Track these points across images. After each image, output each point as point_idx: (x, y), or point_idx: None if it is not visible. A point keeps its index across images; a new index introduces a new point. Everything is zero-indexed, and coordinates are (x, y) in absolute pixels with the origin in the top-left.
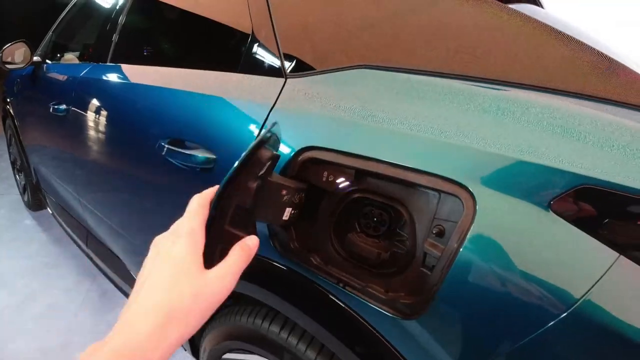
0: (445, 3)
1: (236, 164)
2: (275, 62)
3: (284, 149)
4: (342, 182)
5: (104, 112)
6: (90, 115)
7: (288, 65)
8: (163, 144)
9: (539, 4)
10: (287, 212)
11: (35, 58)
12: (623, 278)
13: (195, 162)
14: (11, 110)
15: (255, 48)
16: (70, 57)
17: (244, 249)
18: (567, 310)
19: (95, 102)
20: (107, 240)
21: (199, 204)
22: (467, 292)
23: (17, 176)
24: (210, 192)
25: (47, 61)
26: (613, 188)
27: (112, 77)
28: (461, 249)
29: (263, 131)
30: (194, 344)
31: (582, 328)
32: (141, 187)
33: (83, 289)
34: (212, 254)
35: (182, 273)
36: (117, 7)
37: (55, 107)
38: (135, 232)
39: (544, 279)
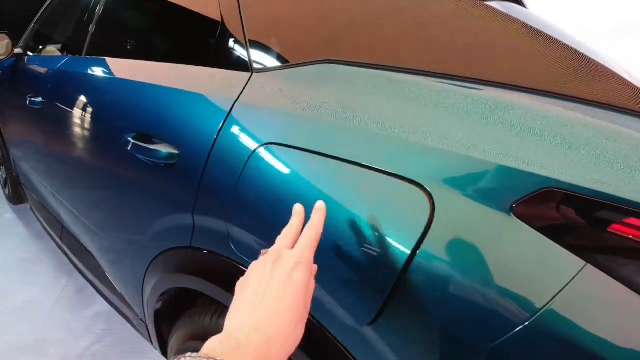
0: None
1: None
2: (242, 56)
3: (248, 144)
4: None
5: (75, 106)
6: (63, 109)
7: (255, 60)
8: (129, 138)
9: (521, 4)
10: None
11: (17, 50)
12: (590, 288)
13: (158, 157)
14: None
15: (223, 42)
16: (52, 49)
17: (313, 279)
18: (529, 319)
19: (68, 96)
20: (80, 236)
21: (317, 236)
22: (422, 298)
23: None
24: (321, 220)
25: (29, 53)
26: (580, 192)
27: (85, 70)
28: (417, 252)
29: None
30: (163, 342)
31: (544, 338)
32: (110, 182)
33: (60, 285)
34: None
35: (297, 303)
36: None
37: (32, 99)
38: (105, 229)
39: (504, 286)
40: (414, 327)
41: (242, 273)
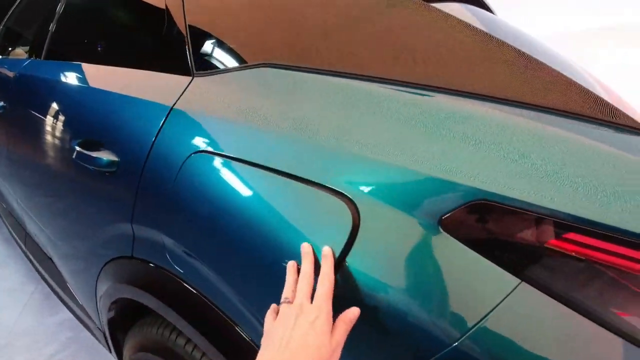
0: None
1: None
2: (185, 59)
3: (181, 152)
4: None
5: (31, 111)
6: (22, 114)
7: (196, 63)
8: (74, 146)
9: (487, 8)
10: None
11: None
12: (524, 306)
13: (100, 165)
14: None
15: (166, 45)
16: (20, 52)
17: (347, 323)
18: (459, 339)
19: (25, 101)
20: (41, 243)
21: (331, 287)
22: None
23: None
24: (331, 268)
25: None
26: (515, 205)
27: (42, 75)
28: (341, 266)
29: None
30: (120, 351)
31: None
32: (61, 189)
33: (28, 290)
34: None
35: (322, 345)
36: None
37: None
38: (61, 237)
39: (433, 304)
40: None
41: (179, 285)
